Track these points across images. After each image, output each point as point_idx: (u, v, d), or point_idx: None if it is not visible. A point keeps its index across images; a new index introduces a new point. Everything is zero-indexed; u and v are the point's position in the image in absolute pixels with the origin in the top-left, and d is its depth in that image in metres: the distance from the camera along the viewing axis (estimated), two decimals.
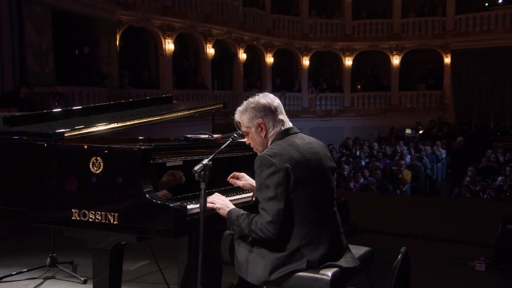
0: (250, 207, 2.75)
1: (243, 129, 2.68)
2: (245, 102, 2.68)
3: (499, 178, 11.44)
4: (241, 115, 2.67)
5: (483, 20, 19.79)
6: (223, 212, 2.62)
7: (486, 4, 20.40)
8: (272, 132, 2.62)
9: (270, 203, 2.43)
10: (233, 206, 2.64)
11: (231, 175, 2.87)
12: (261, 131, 2.62)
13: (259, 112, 2.61)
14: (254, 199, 2.76)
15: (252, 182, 2.81)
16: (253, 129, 2.64)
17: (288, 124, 2.66)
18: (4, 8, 9.95)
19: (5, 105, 8.35)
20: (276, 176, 2.42)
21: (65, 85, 11.72)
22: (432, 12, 20.81)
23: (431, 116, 20.03)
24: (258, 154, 2.63)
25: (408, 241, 5.55)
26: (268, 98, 2.65)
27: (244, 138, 2.92)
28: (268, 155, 2.47)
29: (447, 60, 20.54)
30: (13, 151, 2.94)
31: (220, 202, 2.65)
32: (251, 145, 2.72)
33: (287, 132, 2.61)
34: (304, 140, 2.61)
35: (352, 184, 12.10)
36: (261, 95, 2.67)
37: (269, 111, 2.61)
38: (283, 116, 2.65)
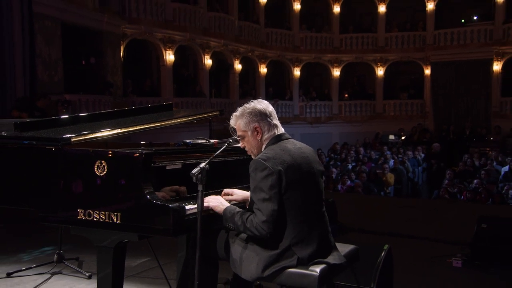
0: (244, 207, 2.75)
1: (239, 133, 2.67)
2: (240, 108, 2.67)
3: (475, 181, 11.49)
4: (237, 120, 2.66)
5: (460, 35, 19.92)
6: (219, 209, 2.60)
7: (462, 21, 20.57)
8: (266, 136, 2.62)
9: (265, 204, 2.43)
10: (228, 204, 2.62)
11: (223, 192, 2.84)
12: (257, 134, 2.62)
13: (256, 117, 2.61)
14: (248, 207, 2.75)
15: (244, 194, 2.80)
16: (249, 133, 2.63)
17: (281, 129, 2.66)
18: (17, 22, 9.95)
19: (20, 109, 8.33)
20: (269, 178, 2.42)
21: (72, 93, 11.72)
22: (414, 27, 20.91)
23: (413, 123, 20.10)
24: (253, 157, 2.63)
25: (391, 239, 5.55)
26: (263, 104, 2.66)
27: (239, 144, 2.92)
28: (262, 159, 2.46)
29: (427, 71, 20.63)
30: (23, 154, 2.92)
31: (214, 201, 2.64)
32: (246, 148, 2.71)
33: (280, 138, 2.61)
34: (295, 145, 2.62)
35: (339, 186, 12.11)
36: (256, 101, 2.67)
37: (264, 116, 2.62)
38: (276, 121, 2.66)
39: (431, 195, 12.82)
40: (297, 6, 20.45)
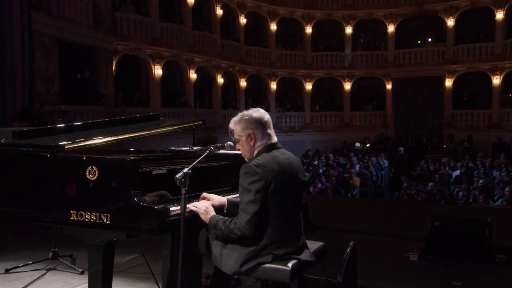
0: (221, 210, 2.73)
1: (236, 136, 2.64)
2: (240, 114, 2.63)
3: (430, 183, 11.64)
4: (235, 125, 2.63)
5: (417, 55, 20.32)
6: (205, 218, 2.57)
7: (419, 42, 20.99)
8: (259, 143, 2.58)
9: (250, 206, 2.41)
10: (214, 213, 2.59)
11: (201, 196, 2.78)
12: (251, 140, 2.59)
13: (251, 124, 2.58)
14: (225, 211, 2.73)
15: (221, 199, 2.76)
16: (244, 138, 2.60)
17: (274, 138, 2.62)
18: (17, 39, 9.86)
19: (18, 120, 8.22)
20: (258, 183, 2.41)
21: (68, 104, 11.54)
22: (376, 47, 21.23)
23: (376, 132, 20.34)
24: (246, 159, 2.61)
25: (356, 236, 5.51)
26: (260, 113, 2.62)
27: (219, 151, 2.91)
28: (254, 165, 2.44)
29: (389, 86, 20.92)
30: (21, 160, 2.86)
31: (203, 208, 2.60)
32: (240, 151, 2.68)
33: (272, 147, 2.58)
34: (285, 155, 2.59)
35: (311, 189, 12.13)
36: (254, 109, 2.63)
37: (259, 124, 2.58)
38: (270, 131, 2.62)
39: (392, 196, 12.95)
40: (273, 27, 20.58)
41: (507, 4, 18.19)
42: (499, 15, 18.41)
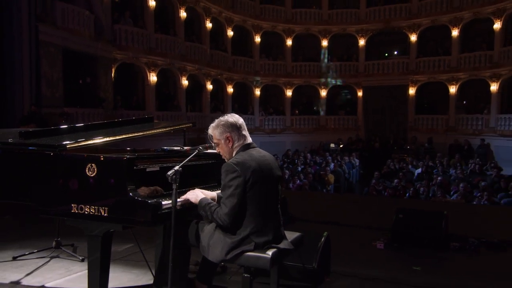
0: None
1: (215, 140, 2.64)
2: (216, 120, 2.63)
3: (395, 180, 11.76)
4: (213, 130, 2.63)
5: (384, 66, 20.56)
6: (195, 200, 2.58)
7: (386, 55, 21.24)
8: (236, 144, 2.59)
9: (229, 199, 2.42)
10: (203, 196, 2.60)
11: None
12: (229, 142, 2.59)
13: (228, 128, 2.58)
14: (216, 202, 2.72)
15: (211, 194, 2.73)
16: (222, 141, 2.60)
17: (249, 139, 2.63)
18: (25, 49, 9.87)
19: (25, 124, 8.11)
20: (237, 180, 2.42)
21: (71, 107, 11.39)
22: (349, 59, 21.37)
23: (349, 134, 20.45)
24: (226, 160, 2.61)
25: (330, 227, 5.54)
26: (235, 118, 2.62)
27: (207, 150, 2.90)
28: (233, 163, 2.45)
29: (360, 93, 21.09)
30: (27, 159, 2.82)
31: (192, 194, 2.62)
32: (220, 153, 2.68)
33: (248, 146, 2.60)
34: (260, 153, 2.60)
35: (291, 185, 12.17)
36: (229, 115, 2.63)
37: (235, 128, 2.59)
38: (245, 132, 2.63)
39: (362, 191, 13.09)
40: (257, 39, 20.59)
41: (461, 23, 18.60)
42: (455, 33, 18.80)
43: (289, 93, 21.31)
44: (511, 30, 17.62)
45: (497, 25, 17.45)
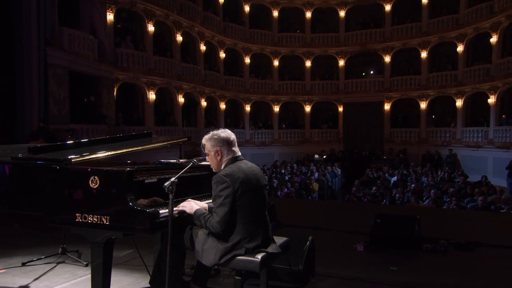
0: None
1: (206, 151, 2.63)
2: (210, 133, 2.63)
3: (373, 187, 11.85)
4: (206, 141, 2.63)
5: (362, 84, 20.86)
6: (190, 211, 2.57)
7: (363, 74, 21.55)
8: (225, 158, 2.59)
9: (220, 208, 2.42)
10: (197, 207, 2.59)
11: (187, 200, 2.75)
12: (218, 156, 2.59)
13: (219, 143, 2.58)
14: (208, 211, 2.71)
15: (203, 204, 2.72)
16: (212, 153, 2.60)
17: (238, 153, 2.63)
18: (35, 70, 9.93)
19: (33, 138, 8.06)
20: (226, 190, 2.42)
21: (76, 123, 11.36)
22: (331, 77, 21.64)
23: (331, 146, 20.62)
24: (214, 170, 2.61)
25: (315, 232, 5.54)
26: (227, 134, 2.61)
27: (201, 162, 2.91)
28: (223, 175, 2.45)
29: (341, 109, 21.31)
30: (35, 172, 2.80)
31: (187, 205, 2.61)
32: (210, 163, 2.67)
33: (236, 159, 2.59)
34: (247, 165, 2.61)
35: (279, 193, 12.15)
36: (222, 130, 2.62)
37: (226, 143, 2.58)
38: (235, 148, 2.62)
39: (344, 198, 13.11)
40: (247, 60, 20.76)
41: (429, 46, 19.03)
42: (424, 54, 19.25)
43: (276, 109, 21.43)
44: (472, 52, 18.10)
45: (460, 48, 17.95)
